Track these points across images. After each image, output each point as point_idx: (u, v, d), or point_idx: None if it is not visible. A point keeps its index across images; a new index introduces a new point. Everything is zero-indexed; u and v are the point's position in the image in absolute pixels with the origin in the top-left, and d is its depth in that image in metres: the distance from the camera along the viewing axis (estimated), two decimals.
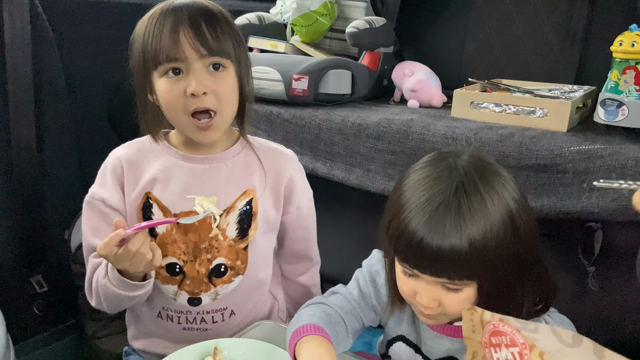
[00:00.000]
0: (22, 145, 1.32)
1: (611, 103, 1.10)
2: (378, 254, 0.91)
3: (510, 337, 0.60)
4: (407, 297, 0.77)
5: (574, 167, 1.07)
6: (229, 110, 0.90)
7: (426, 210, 0.69)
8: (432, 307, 0.73)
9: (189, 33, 0.83)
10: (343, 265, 1.06)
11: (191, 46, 0.83)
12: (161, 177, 0.93)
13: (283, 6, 1.68)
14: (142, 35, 0.86)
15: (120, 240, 0.77)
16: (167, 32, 0.83)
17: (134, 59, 0.89)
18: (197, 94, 0.84)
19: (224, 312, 0.98)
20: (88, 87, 1.53)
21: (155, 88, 0.87)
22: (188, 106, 0.85)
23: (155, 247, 0.82)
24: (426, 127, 1.24)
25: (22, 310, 1.42)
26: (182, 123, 0.88)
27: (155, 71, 0.85)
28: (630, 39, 1.08)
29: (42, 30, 1.34)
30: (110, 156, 0.96)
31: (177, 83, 0.85)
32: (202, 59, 0.84)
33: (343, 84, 1.49)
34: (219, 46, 0.85)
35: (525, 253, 0.73)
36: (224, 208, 0.94)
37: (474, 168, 0.73)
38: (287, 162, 1.02)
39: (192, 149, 0.95)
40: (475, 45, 1.71)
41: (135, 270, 0.83)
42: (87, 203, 0.94)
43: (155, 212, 0.93)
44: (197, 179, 0.93)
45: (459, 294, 0.72)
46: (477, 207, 0.69)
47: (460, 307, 0.70)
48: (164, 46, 0.83)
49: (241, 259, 0.97)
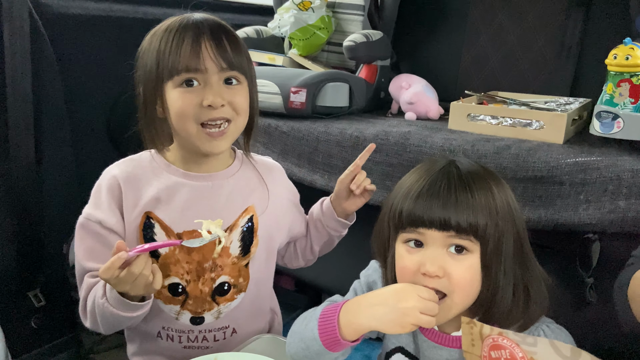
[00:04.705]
0: (21, 160, 1.32)
1: (607, 115, 1.11)
2: (375, 265, 0.91)
3: (510, 350, 0.60)
4: (411, 275, 0.76)
5: (570, 179, 1.08)
6: (242, 121, 0.91)
7: (430, 173, 0.76)
8: (438, 277, 0.73)
9: (211, 46, 0.84)
10: (340, 277, 1.06)
11: (212, 59, 0.84)
12: (163, 196, 0.91)
13: (281, 20, 1.69)
14: (157, 46, 0.86)
15: (122, 262, 0.76)
16: (189, 43, 0.84)
17: (143, 69, 0.88)
18: (215, 105, 0.85)
19: (226, 330, 0.98)
20: (87, 101, 1.53)
21: (165, 98, 0.86)
22: (200, 116, 0.85)
23: (156, 269, 0.80)
24: (423, 139, 1.25)
25: (20, 325, 1.41)
26: (192, 132, 0.87)
27: (170, 81, 0.85)
28: (625, 52, 1.09)
29: (41, 45, 1.35)
30: (105, 175, 0.93)
31: (192, 94, 0.85)
32: (221, 72, 0.86)
33: (341, 96, 1.50)
34: (237, 61, 0.87)
35: (521, 237, 0.77)
36: (227, 226, 0.93)
37: (470, 161, 0.80)
38: (280, 176, 1.04)
39: (193, 167, 0.93)
40: (471, 58, 1.72)
41: (137, 293, 0.81)
42: (81, 225, 0.91)
43: (157, 231, 0.90)
44: (200, 198, 0.92)
45: (463, 260, 0.73)
46: (479, 180, 0.75)
47: (465, 278, 0.73)
48: (184, 57, 0.83)
49: (243, 275, 0.96)
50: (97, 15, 1.51)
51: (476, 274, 0.74)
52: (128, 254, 0.75)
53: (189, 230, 0.90)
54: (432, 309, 0.70)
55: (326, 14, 1.67)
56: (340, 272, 1.16)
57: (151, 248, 0.79)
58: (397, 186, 0.79)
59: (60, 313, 1.49)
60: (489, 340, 0.62)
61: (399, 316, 0.71)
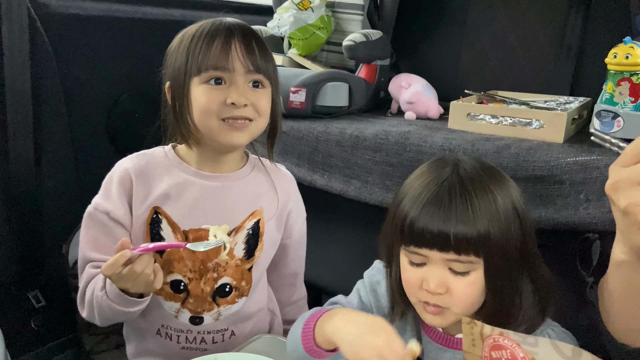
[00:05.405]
0: (20, 160, 1.32)
1: (607, 114, 1.11)
2: (379, 265, 0.91)
3: (511, 351, 0.60)
4: (413, 289, 0.76)
5: (570, 178, 1.07)
6: (263, 123, 0.93)
7: (430, 188, 0.73)
8: (440, 294, 0.73)
9: (241, 48, 0.87)
10: (342, 277, 1.06)
11: (240, 60, 0.87)
12: (172, 193, 0.92)
13: (280, 20, 1.69)
14: (187, 44, 0.88)
15: (126, 260, 0.76)
16: (220, 43, 0.86)
17: (172, 66, 0.90)
18: (238, 104, 0.86)
19: (225, 332, 0.98)
20: (86, 100, 1.53)
21: (191, 92, 0.88)
22: (223, 113, 0.87)
23: (158, 268, 0.82)
24: (423, 138, 1.25)
25: (20, 326, 1.41)
26: (213, 127, 0.88)
27: (197, 77, 0.87)
28: (625, 51, 1.09)
29: (40, 44, 1.34)
30: (117, 167, 0.95)
31: (217, 91, 0.87)
32: (248, 74, 0.88)
33: (340, 96, 1.50)
34: (264, 65, 0.89)
35: (527, 240, 0.75)
36: (233, 227, 0.93)
37: (473, 161, 0.78)
38: (291, 186, 1.04)
39: (205, 166, 0.94)
40: (470, 57, 1.72)
41: (137, 291, 0.83)
42: (88, 215, 0.93)
43: (164, 227, 0.91)
44: (209, 197, 0.93)
45: (466, 277, 0.72)
46: (481, 188, 0.73)
47: (467, 294, 0.72)
48: (214, 55, 0.86)
49: (246, 279, 0.96)
50: (96, 15, 1.50)
51: (479, 288, 0.74)
52: (132, 253, 0.76)
53: (195, 228, 0.91)
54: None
55: (325, 13, 1.67)
56: (341, 272, 1.16)
57: (155, 248, 0.80)
58: (401, 191, 0.77)
59: (60, 313, 1.49)
60: (489, 341, 0.62)
61: (359, 345, 0.67)
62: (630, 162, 0.56)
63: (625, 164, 0.56)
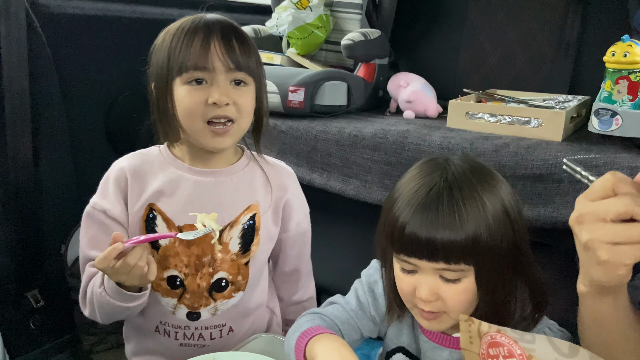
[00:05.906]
0: (19, 159, 1.32)
1: (605, 113, 1.11)
2: (376, 264, 0.90)
3: (508, 348, 0.60)
4: (407, 296, 0.76)
5: (569, 176, 1.07)
6: (245, 122, 0.92)
7: (419, 195, 0.72)
8: (431, 302, 0.73)
9: (220, 46, 0.86)
10: (341, 276, 1.06)
11: (220, 59, 0.86)
12: (166, 189, 0.93)
13: (279, 19, 1.69)
14: (169, 43, 0.87)
15: (118, 253, 0.77)
16: (199, 42, 0.85)
17: (155, 65, 0.90)
18: (220, 103, 0.86)
19: (223, 328, 0.98)
20: (84, 100, 1.53)
21: (174, 94, 0.88)
22: (207, 114, 0.87)
23: (151, 260, 0.82)
24: (422, 137, 1.25)
25: (19, 326, 1.41)
26: (197, 129, 0.88)
27: (179, 77, 0.87)
28: (623, 50, 1.09)
29: (38, 44, 1.34)
30: (113, 167, 0.96)
31: (199, 91, 0.86)
32: (228, 72, 0.87)
33: (339, 95, 1.50)
34: (245, 62, 0.88)
35: (518, 242, 0.74)
36: (228, 222, 0.94)
37: (464, 163, 0.76)
38: (288, 179, 1.03)
39: (198, 162, 0.95)
40: (469, 56, 1.72)
41: (132, 284, 0.83)
42: (87, 214, 0.94)
43: (159, 223, 0.92)
44: (203, 192, 0.93)
45: (457, 285, 0.72)
46: (469, 193, 0.71)
47: (460, 300, 0.72)
48: (193, 55, 0.85)
49: (242, 274, 0.96)
50: (94, 15, 1.50)
51: (471, 294, 0.73)
52: (124, 245, 0.77)
53: (190, 224, 0.91)
54: None
55: (324, 12, 1.67)
56: (340, 271, 1.16)
57: (146, 240, 0.81)
58: (392, 197, 0.76)
59: (59, 313, 1.49)
60: (487, 338, 0.62)
61: None
62: (596, 197, 0.55)
63: (591, 198, 0.55)
